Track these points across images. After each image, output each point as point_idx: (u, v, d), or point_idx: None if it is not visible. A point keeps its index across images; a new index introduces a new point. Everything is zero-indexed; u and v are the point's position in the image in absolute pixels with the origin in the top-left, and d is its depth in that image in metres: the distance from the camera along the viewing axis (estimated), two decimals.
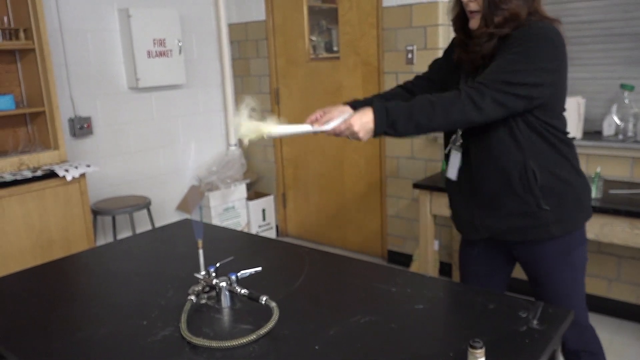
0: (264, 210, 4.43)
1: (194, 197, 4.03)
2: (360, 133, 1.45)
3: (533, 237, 1.58)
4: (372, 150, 3.77)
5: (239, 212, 4.26)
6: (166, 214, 4.04)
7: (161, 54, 3.78)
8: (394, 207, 3.72)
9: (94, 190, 3.44)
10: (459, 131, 1.63)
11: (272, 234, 4.49)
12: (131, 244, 1.98)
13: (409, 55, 3.38)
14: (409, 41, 3.37)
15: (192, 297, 1.35)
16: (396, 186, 3.67)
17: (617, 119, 2.78)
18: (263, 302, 1.28)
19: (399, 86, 1.82)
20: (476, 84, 1.44)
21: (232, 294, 1.37)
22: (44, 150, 3.10)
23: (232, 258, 1.54)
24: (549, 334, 1.18)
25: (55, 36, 3.33)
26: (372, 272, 1.63)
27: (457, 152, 1.65)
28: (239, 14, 4.36)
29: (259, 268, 1.42)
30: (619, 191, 2.55)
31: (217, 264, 1.41)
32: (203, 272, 1.41)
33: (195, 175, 4.14)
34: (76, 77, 3.49)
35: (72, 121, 3.47)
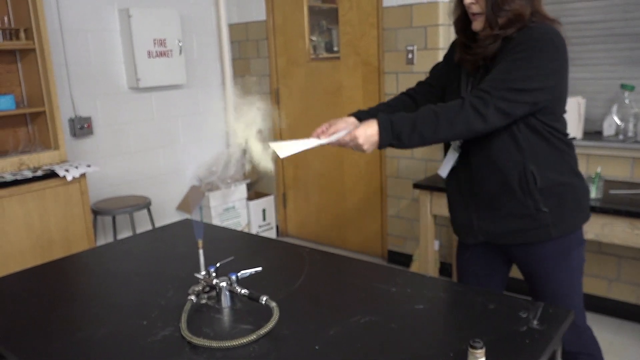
0: (264, 211, 4.43)
1: (194, 197, 4.03)
2: (365, 146, 1.47)
3: (532, 238, 1.58)
4: (372, 151, 3.76)
5: (239, 212, 4.26)
6: (166, 214, 4.04)
7: (161, 54, 3.78)
8: (394, 207, 3.72)
9: (94, 190, 3.44)
10: None
11: (272, 234, 4.49)
12: (131, 244, 1.98)
13: (409, 56, 3.38)
14: (409, 41, 3.36)
15: (192, 297, 1.35)
16: (396, 186, 3.66)
17: (617, 119, 2.78)
18: (263, 302, 1.28)
19: (403, 93, 1.83)
20: (480, 93, 1.43)
21: (232, 294, 1.37)
22: (44, 150, 3.10)
23: (232, 258, 1.54)
24: (549, 334, 1.18)
25: (55, 36, 3.33)
26: (372, 272, 1.63)
27: (454, 152, 1.65)
28: (239, 14, 4.36)
29: (259, 268, 1.43)
30: (619, 191, 2.55)
31: (218, 264, 1.41)
32: (203, 272, 1.41)
33: (196, 175, 4.14)
34: (76, 77, 3.49)
35: (72, 121, 3.48)
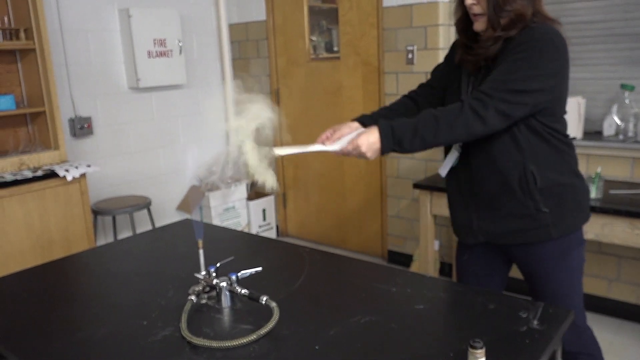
0: (264, 211, 4.43)
1: (194, 197, 4.03)
2: (368, 153, 1.48)
3: (532, 239, 1.58)
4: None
5: (239, 212, 4.26)
6: (166, 214, 4.04)
7: (161, 54, 3.78)
8: (394, 207, 3.72)
9: (94, 190, 3.44)
10: None
11: (272, 234, 4.49)
12: (131, 244, 1.98)
13: (409, 56, 3.38)
14: (409, 41, 3.36)
15: (193, 297, 1.35)
16: (396, 186, 3.66)
17: (617, 119, 2.78)
18: (263, 302, 1.28)
19: (404, 96, 1.83)
20: (479, 95, 1.43)
21: (233, 294, 1.37)
22: (44, 150, 3.10)
23: (232, 258, 1.54)
24: (550, 334, 1.18)
25: (55, 36, 3.33)
26: (372, 272, 1.63)
27: (455, 151, 1.65)
28: (239, 14, 4.36)
29: (259, 268, 1.43)
30: (619, 191, 2.55)
31: (218, 264, 1.41)
32: (203, 272, 1.41)
33: (196, 175, 4.14)
34: (76, 77, 3.49)
35: (72, 121, 3.48)
